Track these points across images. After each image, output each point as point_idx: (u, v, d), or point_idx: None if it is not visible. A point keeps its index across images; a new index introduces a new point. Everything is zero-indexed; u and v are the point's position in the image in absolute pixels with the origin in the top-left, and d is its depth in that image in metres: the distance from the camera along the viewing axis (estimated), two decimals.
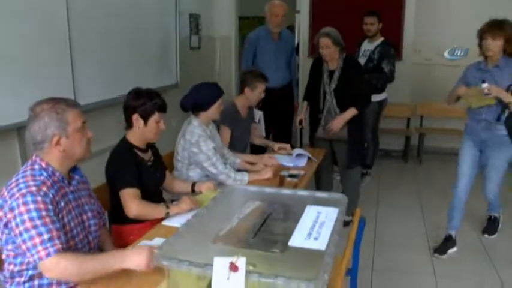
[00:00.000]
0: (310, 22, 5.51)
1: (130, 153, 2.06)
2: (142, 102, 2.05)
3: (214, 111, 2.58)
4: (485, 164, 3.00)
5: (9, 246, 1.49)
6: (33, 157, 1.55)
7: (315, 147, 3.41)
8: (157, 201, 2.09)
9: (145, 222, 2.00)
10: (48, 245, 1.40)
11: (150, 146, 2.20)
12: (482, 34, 2.80)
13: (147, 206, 1.99)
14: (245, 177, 2.53)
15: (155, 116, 2.07)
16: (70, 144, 1.55)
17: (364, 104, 3.33)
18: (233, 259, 1.18)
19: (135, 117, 2.06)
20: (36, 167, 1.52)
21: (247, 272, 1.17)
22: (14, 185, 1.47)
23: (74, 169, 1.66)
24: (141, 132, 2.08)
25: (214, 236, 1.42)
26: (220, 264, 1.18)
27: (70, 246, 1.52)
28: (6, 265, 1.53)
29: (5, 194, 1.47)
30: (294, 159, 2.98)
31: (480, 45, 2.82)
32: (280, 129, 4.21)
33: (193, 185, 2.35)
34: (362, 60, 4.20)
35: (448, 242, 3.12)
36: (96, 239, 1.72)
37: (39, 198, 1.43)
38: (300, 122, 3.48)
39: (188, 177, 2.56)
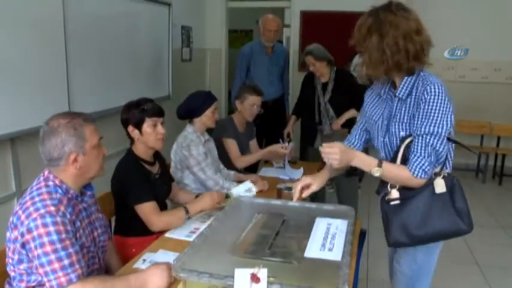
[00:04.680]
0: (300, 36, 5.61)
1: (138, 166, 2.04)
2: (131, 112, 2.04)
3: (207, 117, 2.57)
4: None
5: (23, 266, 1.42)
6: (46, 173, 1.47)
7: (309, 161, 3.44)
8: None
9: (149, 236, 1.99)
10: (69, 270, 1.34)
11: (157, 158, 2.19)
12: None
13: (168, 216, 2.00)
14: (233, 186, 2.53)
15: (147, 122, 2.03)
16: (87, 161, 1.48)
17: (362, 104, 3.41)
18: (255, 270, 1.19)
19: (131, 129, 2.04)
20: (51, 183, 1.45)
21: (269, 283, 1.18)
22: (29, 203, 1.38)
23: (86, 184, 1.60)
24: (141, 143, 2.06)
25: (229, 247, 1.43)
26: (241, 275, 1.19)
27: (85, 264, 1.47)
28: (16, 282, 1.46)
29: (20, 212, 1.39)
30: (290, 172, 3.01)
31: None
32: (273, 142, 4.22)
33: (197, 197, 2.33)
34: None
35: None
36: (103, 253, 1.69)
37: (58, 219, 1.36)
38: (288, 135, 3.55)
39: (185, 185, 2.55)
